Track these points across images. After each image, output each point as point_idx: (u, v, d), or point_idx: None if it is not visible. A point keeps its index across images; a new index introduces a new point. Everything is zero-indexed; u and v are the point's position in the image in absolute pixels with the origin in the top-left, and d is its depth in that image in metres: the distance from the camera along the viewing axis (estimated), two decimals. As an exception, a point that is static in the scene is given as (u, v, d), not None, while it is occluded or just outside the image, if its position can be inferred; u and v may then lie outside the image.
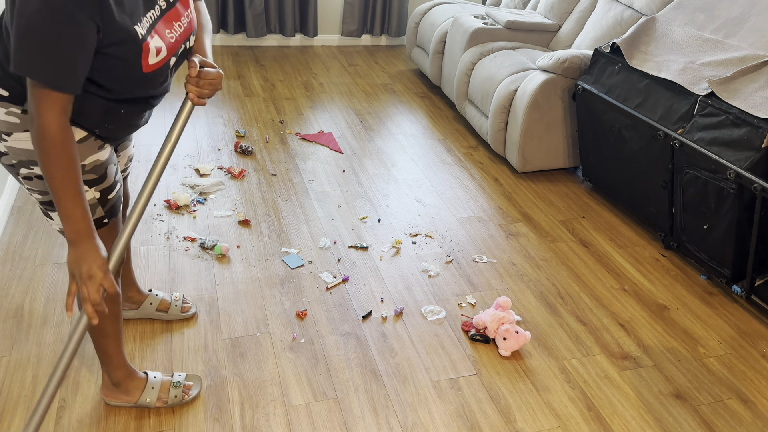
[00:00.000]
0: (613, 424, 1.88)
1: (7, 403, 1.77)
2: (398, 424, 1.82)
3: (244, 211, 2.76)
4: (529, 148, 3.16)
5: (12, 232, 2.48)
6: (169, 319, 2.09)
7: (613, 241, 2.78)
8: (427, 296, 2.35)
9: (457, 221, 2.83)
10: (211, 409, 1.81)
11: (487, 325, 2.15)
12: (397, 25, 5.09)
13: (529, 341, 2.15)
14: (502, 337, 2.10)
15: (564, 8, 3.75)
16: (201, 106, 2.47)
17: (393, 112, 3.93)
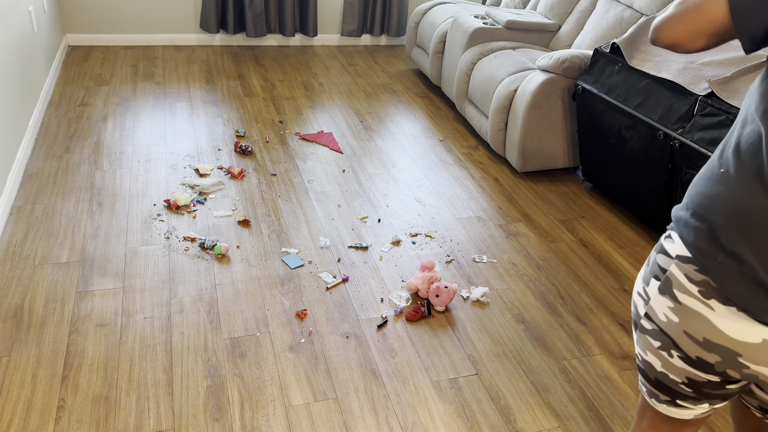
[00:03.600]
0: (613, 424, 1.88)
1: (7, 403, 1.77)
2: (398, 424, 1.82)
3: (244, 211, 2.76)
4: (529, 148, 3.16)
5: (12, 232, 2.48)
6: None
7: (613, 241, 2.78)
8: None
9: (457, 221, 2.83)
10: (211, 409, 1.81)
11: (419, 287, 2.29)
12: (397, 25, 5.09)
13: (457, 292, 2.32)
14: (435, 295, 2.25)
15: (564, 8, 3.75)
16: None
17: (393, 112, 3.93)
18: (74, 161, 3.02)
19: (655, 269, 1.06)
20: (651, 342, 1.08)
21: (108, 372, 1.89)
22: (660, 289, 1.04)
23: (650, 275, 1.07)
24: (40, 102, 3.41)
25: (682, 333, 1.02)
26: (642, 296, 1.09)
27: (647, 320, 1.08)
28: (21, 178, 2.83)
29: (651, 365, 1.11)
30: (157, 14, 4.63)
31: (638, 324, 1.11)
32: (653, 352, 1.08)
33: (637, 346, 1.13)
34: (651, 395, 1.16)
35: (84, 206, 2.68)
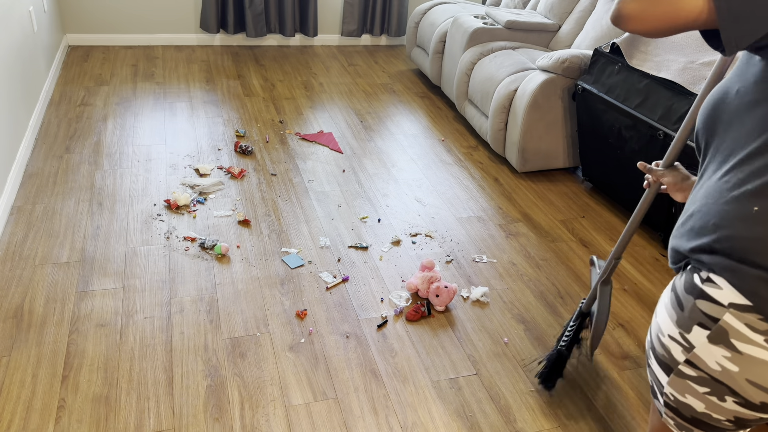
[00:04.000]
0: (613, 424, 1.88)
1: (7, 403, 1.77)
2: (398, 424, 1.82)
3: (244, 211, 2.76)
4: (529, 148, 3.16)
5: (12, 232, 2.48)
6: None
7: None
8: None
9: (457, 221, 2.83)
10: (211, 409, 1.81)
11: (419, 287, 2.29)
12: (397, 25, 5.09)
13: (457, 292, 2.32)
14: (435, 295, 2.25)
15: (564, 8, 3.75)
16: None
17: (393, 112, 3.93)
18: (74, 161, 3.02)
19: (697, 316, 1.01)
20: (694, 387, 1.05)
21: (108, 372, 1.90)
22: (711, 338, 0.99)
23: (691, 322, 1.02)
24: (40, 102, 3.41)
25: (744, 381, 0.98)
26: (678, 342, 1.05)
27: (689, 367, 1.04)
28: (21, 178, 2.83)
29: (690, 407, 1.07)
30: (157, 14, 4.63)
31: (674, 369, 1.07)
32: (697, 396, 1.05)
33: (670, 387, 1.09)
34: (682, 429, 1.13)
35: (84, 206, 2.68)
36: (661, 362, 1.10)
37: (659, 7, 0.90)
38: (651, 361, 1.14)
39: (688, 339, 1.02)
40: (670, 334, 1.06)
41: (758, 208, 0.93)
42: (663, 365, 1.09)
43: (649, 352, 1.15)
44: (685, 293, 1.03)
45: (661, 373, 1.10)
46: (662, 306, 1.10)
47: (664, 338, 1.08)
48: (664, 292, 1.13)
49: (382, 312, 2.25)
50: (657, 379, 1.12)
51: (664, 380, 1.10)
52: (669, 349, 1.07)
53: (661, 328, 1.08)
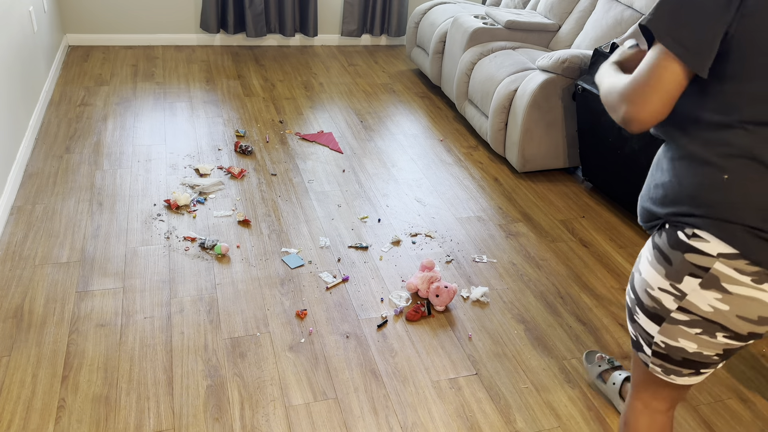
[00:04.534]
0: (613, 424, 1.88)
1: (7, 403, 1.77)
2: (398, 424, 1.82)
3: (244, 211, 2.76)
4: (529, 148, 3.16)
5: (12, 232, 2.48)
6: None
7: (613, 241, 2.78)
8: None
9: (457, 221, 2.83)
10: (211, 409, 1.81)
11: (419, 287, 2.29)
12: (397, 25, 5.09)
13: (457, 292, 2.33)
14: (435, 295, 2.25)
15: (564, 8, 3.75)
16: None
17: (393, 112, 3.93)
18: (74, 161, 3.02)
19: (687, 268, 1.13)
20: (687, 330, 1.18)
21: (108, 372, 1.90)
22: (703, 285, 1.12)
23: (681, 273, 1.14)
24: (40, 102, 3.41)
25: (735, 317, 1.13)
26: (669, 292, 1.17)
27: (682, 313, 1.17)
28: (21, 178, 2.83)
29: (682, 349, 1.20)
30: (157, 14, 4.63)
31: (666, 317, 1.19)
32: (689, 338, 1.18)
33: (661, 336, 1.21)
34: (670, 373, 1.26)
35: (84, 206, 2.68)
36: (650, 314, 1.22)
37: (655, 98, 1.06)
38: (638, 317, 1.25)
39: (680, 288, 1.15)
40: (659, 286, 1.18)
41: (728, 176, 1.08)
42: (653, 317, 1.21)
43: (634, 309, 1.26)
44: (671, 249, 1.16)
45: (650, 324, 1.22)
46: (646, 263, 1.21)
47: (653, 291, 1.19)
48: (643, 251, 1.25)
49: (382, 312, 2.25)
50: (645, 332, 1.25)
51: (654, 330, 1.22)
52: (660, 300, 1.19)
53: (649, 283, 1.20)
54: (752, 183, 1.07)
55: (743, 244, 1.08)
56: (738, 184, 1.08)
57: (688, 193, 1.13)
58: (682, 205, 1.14)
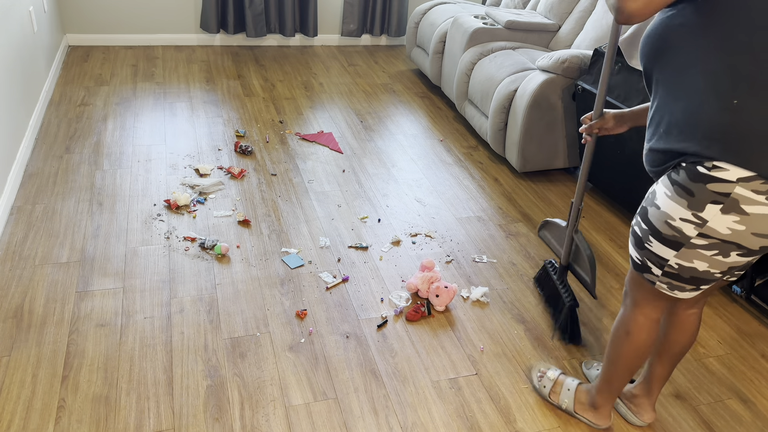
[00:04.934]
0: (614, 425, 1.88)
1: (7, 403, 1.77)
2: (398, 424, 1.82)
3: (244, 211, 2.76)
4: (529, 148, 3.16)
5: (12, 232, 2.48)
6: None
7: (613, 241, 2.78)
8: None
9: (457, 221, 2.84)
10: (211, 409, 1.81)
11: (419, 287, 2.29)
12: (397, 25, 5.09)
13: (457, 292, 2.33)
14: (435, 295, 2.25)
15: (564, 8, 3.75)
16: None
17: (393, 112, 3.93)
18: (74, 161, 3.02)
19: (709, 196, 1.28)
20: (703, 253, 1.34)
21: (108, 372, 1.90)
22: (723, 209, 1.28)
23: (703, 202, 1.29)
24: (40, 102, 3.41)
25: (750, 235, 1.29)
26: (691, 221, 1.32)
27: (702, 238, 1.33)
28: (21, 178, 2.84)
29: (694, 269, 1.38)
30: (157, 14, 4.63)
31: (685, 243, 1.35)
32: (703, 258, 1.35)
33: (677, 259, 1.38)
34: (675, 288, 1.45)
35: (84, 206, 2.68)
36: (669, 242, 1.37)
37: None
38: (650, 244, 1.42)
39: (701, 216, 1.30)
40: (681, 217, 1.33)
41: (737, 101, 1.22)
42: (671, 243, 1.37)
43: (645, 238, 1.42)
44: (693, 182, 1.30)
45: (667, 251, 1.39)
46: (664, 197, 1.36)
47: (675, 222, 1.35)
48: (656, 188, 1.40)
49: (382, 312, 2.25)
50: (658, 257, 1.41)
51: (671, 255, 1.39)
52: (680, 229, 1.34)
53: (670, 215, 1.35)
54: (761, 105, 1.20)
55: (758, 165, 1.22)
56: (748, 107, 1.21)
57: (703, 126, 1.26)
58: (697, 140, 1.27)
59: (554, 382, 1.92)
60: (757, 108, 1.21)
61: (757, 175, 1.24)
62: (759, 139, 1.22)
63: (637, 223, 1.47)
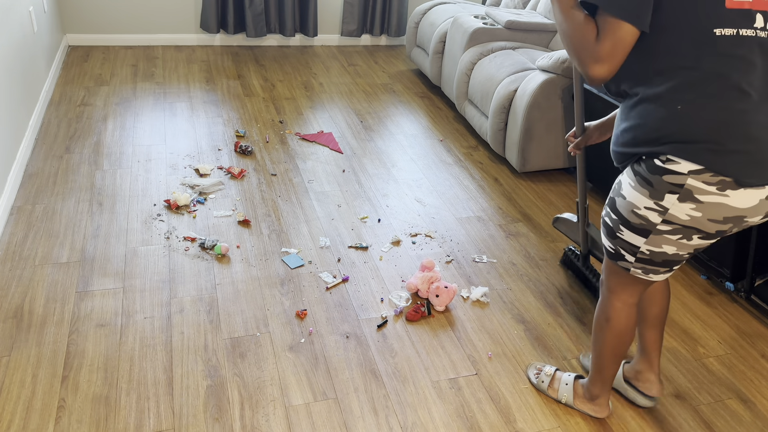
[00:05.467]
0: (613, 425, 1.88)
1: (7, 403, 1.77)
2: (398, 424, 1.82)
3: (244, 211, 2.76)
4: (529, 148, 3.16)
5: (12, 232, 2.48)
6: None
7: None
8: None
9: (457, 221, 2.83)
10: (211, 409, 1.81)
11: (419, 287, 2.29)
12: (397, 25, 5.09)
13: (457, 292, 2.35)
14: (435, 295, 2.25)
15: (564, 8, 3.75)
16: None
17: (393, 112, 3.93)
18: (74, 161, 3.02)
19: (666, 187, 1.39)
20: (669, 238, 1.45)
21: (108, 372, 1.90)
22: (680, 198, 1.39)
23: (662, 192, 1.40)
24: (40, 102, 3.41)
25: (706, 221, 1.40)
26: (654, 209, 1.43)
27: (665, 224, 1.43)
28: (21, 178, 2.84)
29: (664, 253, 1.49)
30: (157, 14, 4.63)
31: (653, 230, 1.46)
32: (671, 243, 1.46)
33: (647, 246, 1.49)
34: (649, 272, 1.55)
35: (84, 206, 2.68)
36: (638, 230, 1.48)
37: (618, 57, 1.33)
38: (621, 233, 1.51)
39: (662, 204, 1.41)
40: (645, 206, 1.44)
41: (680, 107, 1.35)
42: (640, 231, 1.48)
43: (617, 228, 1.52)
44: (651, 174, 1.41)
45: (637, 238, 1.49)
46: (629, 188, 1.47)
47: (640, 210, 1.45)
48: (622, 178, 1.50)
49: (382, 312, 2.25)
50: (630, 245, 1.51)
51: (641, 242, 1.49)
52: (646, 217, 1.45)
53: (635, 204, 1.46)
54: (701, 109, 1.33)
55: (705, 159, 1.34)
56: (690, 112, 1.34)
57: (653, 130, 1.39)
58: (650, 141, 1.39)
59: (551, 377, 1.94)
60: (698, 112, 1.33)
61: (705, 168, 1.35)
62: (704, 138, 1.34)
63: (606, 214, 1.56)
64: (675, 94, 1.36)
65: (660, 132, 1.38)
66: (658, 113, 1.38)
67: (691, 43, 1.33)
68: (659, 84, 1.38)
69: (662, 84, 1.37)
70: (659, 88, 1.38)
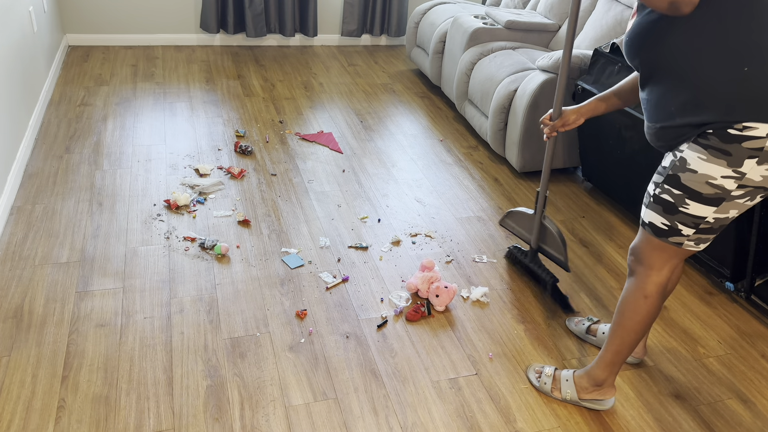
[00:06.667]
0: (613, 425, 1.88)
1: (7, 403, 1.77)
2: (398, 424, 1.82)
3: (244, 211, 2.76)
4: (529, 148, 3.16)
5: (12, 232, 2.48)
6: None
7: (613, 241, 2.78)
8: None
9: (456, 221, 2.83)
10: (211, 409, 1.81)
11: (419, 287, 2.29)
12: (397, 25, 5.09)
13: (457, 292, 2.35)
14: (435, 295, 2.25)
15: (564, 8, 3.75)
16: None
17: (393, 112, 3.93)
18: (74, 161, 3.02)
19: (744, 153, 1.42)
20: (738, 202, 1.49)
21: (108, 372, 1.90)
22: (759, 161, 1.42)
23: (741, 158, 1.43)
24: (40, 102, 3.41)
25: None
26: (731, 177, 1.45)
27: (740, 189, 1.47)
28: (21, 178, 2.84)
29: (727, 218, 1.53)
30: (157, 14, 4.63)
31: (726, 198, 1.48)
32: (737, 207, 1.51)
33: (716, 214, 1.51)
34: (701, 242, 1.59)
35: (84, 206, 2.68)
36: (709, 200, 1.49)
37: None
38: (687, 207, 1.52)
39: (740, 171, 1.44)
40: (722, 174, 1.46)
41: (747, 68, 1.37)
42: (711, 201, 1.49)
43: (680, 202, 1.52)
44: (727, 143, 1.43)
45: (705, 209, 1.51)
46: (699, 162, 1.47)
47: (716, 180, 1.46)
48: (685, 158, 1.49)
49: (382, 312, 2.25)
50: (694, 217, 1.53)
51: (709, 212, 1.51)
52: (722, 185, 1.47)
53: (711, 175, 1.47)
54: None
55: None
56: (757, 73, 1.36)
57: (720, 97, 1.40)
58: (719, 109, 1.40)
59: (552, 377, 1.95)
60: (765, 71, 1.36)
61: None
62: None
63: (664, 191, 1.56)
64: (740, 54, 1.37)
65: (729, 98, 1.39)
66: (722, 77, 1.39)
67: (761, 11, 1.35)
68: (720, 46, 1.38)
69: (724, 45, 1.37)
70: (721, 51, 1.38)
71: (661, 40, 1.46)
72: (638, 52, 1.53)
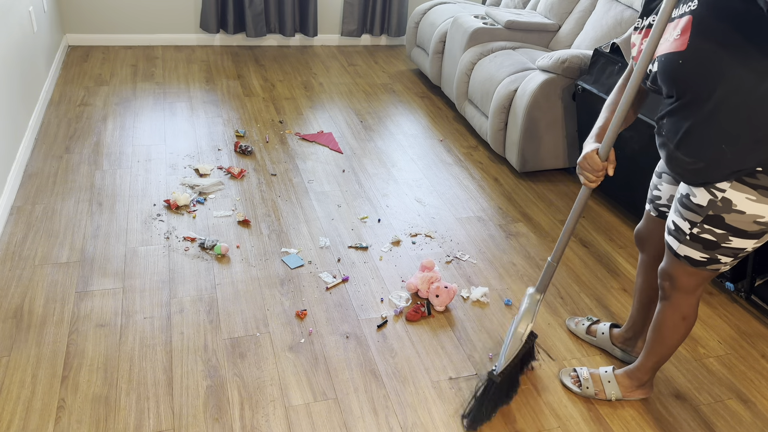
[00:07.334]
0: (613, 425, 1.88)
1: (7, 403, 1.77)
2: (398, 424, 1.82)
3: (244, 211, 2.76)
4: (529, 148, 3.16)
5: (12, 232, 2.48)
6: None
7: (613, 241, 2.78)
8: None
9: (457, 221, 2.83)
10: (210, 409, 1.81)
11: (419, 287, 2.29)
12: (397, 25, 5.09)
13: (457, 292, 2.33)
14: (435, 295, 2.25)
15: (564, 8, 3.75)
16: None
17: (393, 112, 3.93)
18: (74, 161, 3.02)
19: None
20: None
21: (108, 372, 1.90)
22: None
23: None
24: (40, 102, 3.41)
25: None
26: None
27: None
28: (21, 178, 2.83)
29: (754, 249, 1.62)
30: (157, 14, 4.63)
31: (764, 233, 1.48)
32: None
33: (757, 244, 1.51)
34: (728, 264, 1.58)
35: (84, 206, 2.68)
36: (754, 235, 1.48)
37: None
38: (730, 243, 1.51)
39: None
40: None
41: None
42: (756, 235, 1.48)
43: (723, 239, 1.51)
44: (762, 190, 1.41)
45: (748, 242, 1.50)
46: (748, 203, 1.44)
47: (764, 218, 1.45)
48: (730, 199, 1.45)
49: (382, 312, 2.25)
50: (735, 249, 1.52)
51: (751, 244, 1.51)
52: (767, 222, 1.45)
53: (760, 214, 1.44)
54: None
55: None
56: None
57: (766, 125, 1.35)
58: (764, 145, 1.37)
59: (590, 380, 1.96)
60: None
61: None
62: None
63: (704, 231, 1.53)
64: None
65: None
66: (762, 111, 1.35)
67: None
68: (760, 78, 1.33)
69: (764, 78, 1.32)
70: (762, 83, 1.33)
71: (730, 71, 1.36)
72: (692, 80, 1.41)
